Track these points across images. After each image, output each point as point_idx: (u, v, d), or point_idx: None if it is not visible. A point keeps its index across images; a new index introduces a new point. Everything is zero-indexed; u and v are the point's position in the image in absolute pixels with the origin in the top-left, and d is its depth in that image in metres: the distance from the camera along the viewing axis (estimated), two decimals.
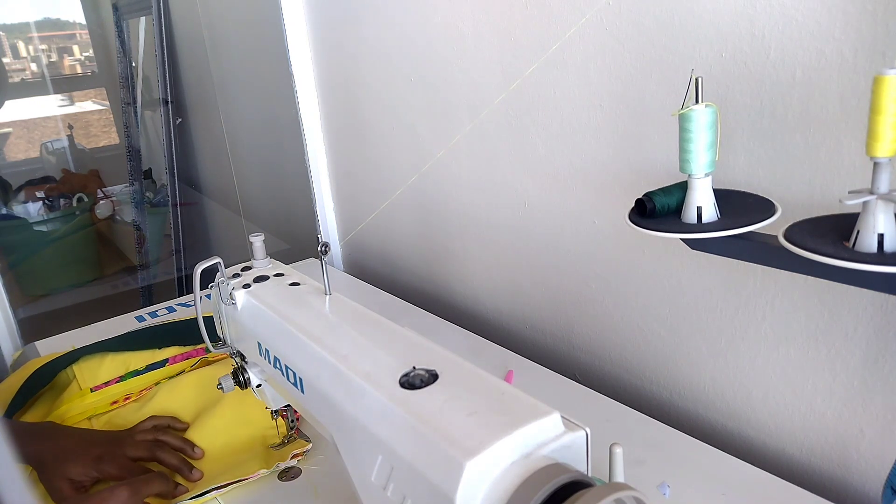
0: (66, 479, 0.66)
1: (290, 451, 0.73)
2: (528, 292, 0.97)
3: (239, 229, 1.89)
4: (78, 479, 0.67)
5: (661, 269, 0.77)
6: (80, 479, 0.67)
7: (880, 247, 0.46)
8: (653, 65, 0.70)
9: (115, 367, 0.91)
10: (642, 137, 0.74)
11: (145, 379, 0.90)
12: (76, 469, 0.67)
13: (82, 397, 0.86)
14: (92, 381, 0.88)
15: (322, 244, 0.57)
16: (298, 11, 1.25)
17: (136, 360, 0.93)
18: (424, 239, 1.16)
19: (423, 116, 1.05)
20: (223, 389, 0.68)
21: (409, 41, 1.02)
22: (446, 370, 0.45)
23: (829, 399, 0.65)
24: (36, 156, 2.32)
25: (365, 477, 0.43)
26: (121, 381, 0.89)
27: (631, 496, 0.35)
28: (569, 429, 0.39)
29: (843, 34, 0.55)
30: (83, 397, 0.86)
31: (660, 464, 0.68)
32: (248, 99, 1.70)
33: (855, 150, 0.57)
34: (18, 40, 2.28)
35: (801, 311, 0.65)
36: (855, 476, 0.65)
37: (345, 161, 1.32)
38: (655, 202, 0.59)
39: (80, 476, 0.67)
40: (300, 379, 0.54)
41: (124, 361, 0.92)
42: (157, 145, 2.14)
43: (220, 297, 0.66)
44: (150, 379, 0.90)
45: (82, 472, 0.67)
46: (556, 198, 0.87)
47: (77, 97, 2.42)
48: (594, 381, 0.91)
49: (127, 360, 0.93)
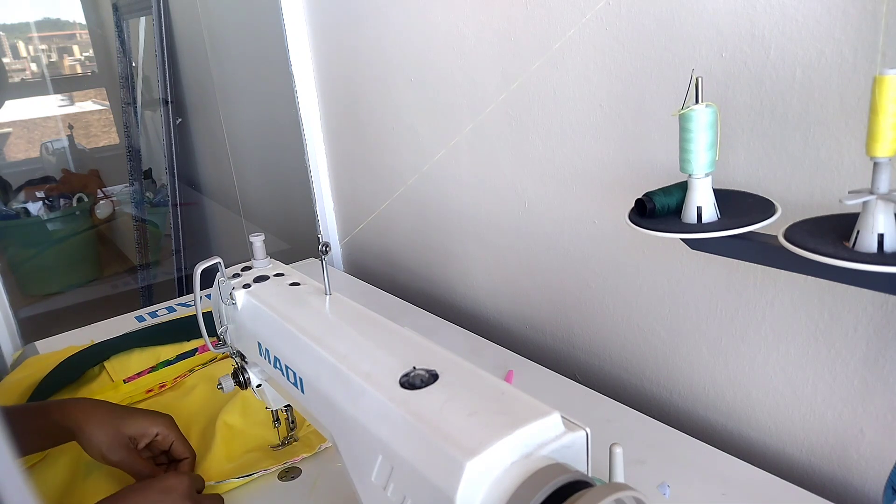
0: (125, 436, 0.66)
1: (300, 452, 0.73)
2: (528, 292, 0.97)
3: (239, 229, 1.89)
4: (135, 434, 0.67)
5: (661, 269, 0.77)
6: (137, 434, 0.67)
7: (880, 247, 0.46)
8: (653, 65, 0.70)
9: (145, 359, 0.94)
10: (642, 137, 0.74)
11: (178, 368, 0.92)
12: (135, 426, 0.67)
13: (116, 388, 0.88)
14: (123, 373, 0.91)
15: (322, 244, 0.57)
16: (298, 11, 1.25)
17: (165, 352, 0.96)
18: (424, 239, 1.16)
19: (423, 116, 1.05)
20: (223, 389, 0.68)
21: (410, 41, 1.02)
22: (446, 370, 0.45)
23: (829, 399, 0.65)
24: (36, 156, 2.32)
25: (365, 477, 0.43)
26: (153, 370, 0.91)
27: (631, 496, 0.35)
28: (569, 429, 0.39)
29: (843, 34, 0.55)
30: (117, 388, 0.88)
31: (660, 464, 0.68)
32: (248, 99, 1.70)
33: (855, 150, 0.57)
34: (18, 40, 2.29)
35: (801, 311, 0.65)
36: (855, 476, 0.65)
37: (345, 161, 1.32)
38: (655, 202, 0.59)
39: (137, 431, 0.67)
40: (300, 379, 0.54)
41: (154, 353, 0.95)
42: (157, 145, 2.14)
43: (221, 296, 0.66)
44: (182, 367, 0.93)
45: (139, 428, 0.67)
46: (556, 198, 0.87)
47: (77, 97, 2.42)
48: (594, 381, 0.91)
49: (156, 352, 0.96)
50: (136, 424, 0.68)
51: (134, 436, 0.68)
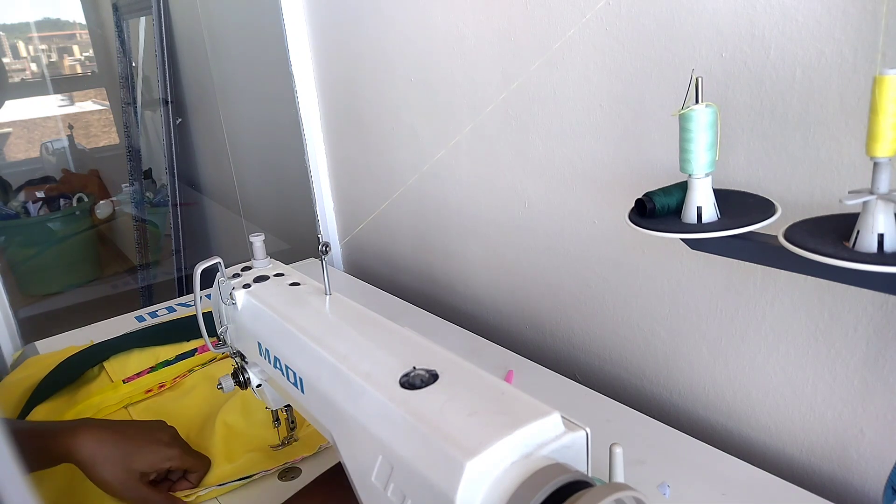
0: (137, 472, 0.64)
1: (300, 452, 0.73)
2: (528, 292, 0.97)
3: (239, 229, 1.89)
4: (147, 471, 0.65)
5: (661, 270, 0.77)
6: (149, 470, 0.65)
7: (880, 247, 0.46)
8: (653, 65, 0.70)
9: (145, 359, 0.94)
10: (642, 137, 0.74)
11: (177, 368, 0.92)
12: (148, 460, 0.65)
13: (115, 389, 0.87)
14: (122, 373, 0.91)
15: (322, 244, 0.57)
16: (298, 11, 1.25)
17: (164, 352, 0.96)
18: (424, 239, 1.16)
19: (423, 116, 1.05)
20: (223, 389, 0.68)
21: (410, 41, 1.02)
22: (446, 370, 0.45)
23: (829, 399, 0.65)
24: (36, 156, 2.32)
25: (365, 477, 0.43)
26: (152, 370, 0.91)
27: (631, 496, 0.35)
28: (569, 429, 0.39)
29: (843, 34, 0.55)
30: (116, 388, 0.88)
31: (660, 464, 0.68)
32: (248, 99, 1.70)
33: (855, 150, 0.57)
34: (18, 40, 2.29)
35: (801, 311, 0.65)
36: (855, 476, 0.65)
37: (345, 161, 1.32)
38: (655, 202, 0.59)
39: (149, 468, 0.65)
40: (300, 379, 0.54)
41: (153, 354, 0.95)
42: (157, 145, 2.14)
43: (220, 296, 0.66)
44: (182, 367, 0.92)
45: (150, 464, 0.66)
46: (556, 198, 0.87)
47: (77, 97, 2.42)
48: (594, 381, 0.91)
49: (155, 352, 0.96)
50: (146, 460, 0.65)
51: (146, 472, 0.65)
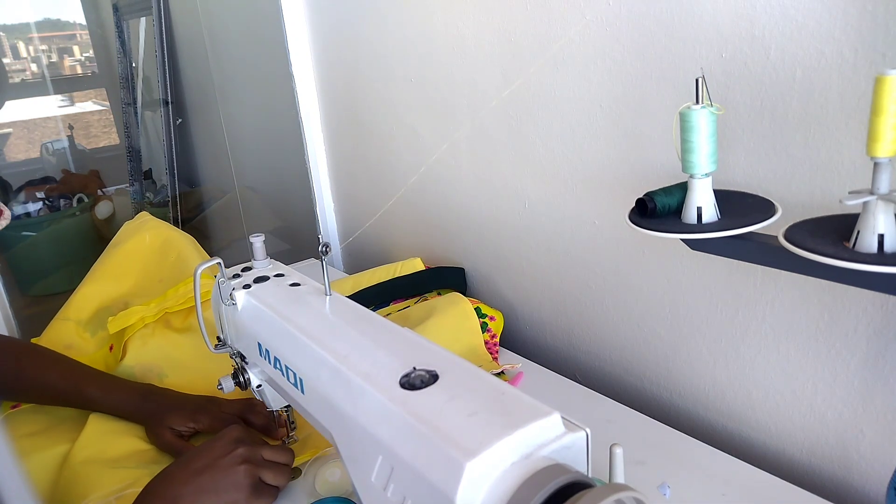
0: (168, 427, 0.74)
1: (300, 452, 0.73)
2: (528, 292, 0.97)
3: (239, 229, 1.89)
4: (178, 427, 0.75)
5: (661, 270, 0.77)
6: (179, 428, 0.75)
7: (880, 247, 0.46)
8: (653, 65, 0.70)
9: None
10: (643, 137, 0.74)
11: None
12: (177, 419, 0.75)
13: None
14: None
15: (323, 244, 0.57)
16: (299, 11, 1.25)
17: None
18: (424, 239, 1.16)
19: (423, 116, 1.05)
20: (223, 390, 0.68)
21: (410, 41, 1.02)
22: (446, 371, 0.45)
23: (829, 399, 0.65)
24: (36, 156, 2.32)
25: (365, 477, 0.43)
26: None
27: (631, 497, 0.35)
28: (569, 429, 0.39)
29: (843, 34, 0.55)
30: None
31: (660, 464, 0.68)
32: (248, 99, 1.70)
33: (855, 150, 0.57)
34: (18, 40, 2.28)
35: (801, 311, 0.65)
36: (855, 476, 0.65)
37: (345, 161, 1.32)
38: (656, 202, 0.59)
39: (179, 425, 0.75)
40: (300, 379, 0.54)
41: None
42: (157, 146, 2.14)
43: (221, 297, 0.66)
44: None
45: (181, 422, 0.75)
46: (556, 198, 0.87)
47: (77, 97, 2.42)
48: (594, 382, 0.91)
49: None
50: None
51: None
